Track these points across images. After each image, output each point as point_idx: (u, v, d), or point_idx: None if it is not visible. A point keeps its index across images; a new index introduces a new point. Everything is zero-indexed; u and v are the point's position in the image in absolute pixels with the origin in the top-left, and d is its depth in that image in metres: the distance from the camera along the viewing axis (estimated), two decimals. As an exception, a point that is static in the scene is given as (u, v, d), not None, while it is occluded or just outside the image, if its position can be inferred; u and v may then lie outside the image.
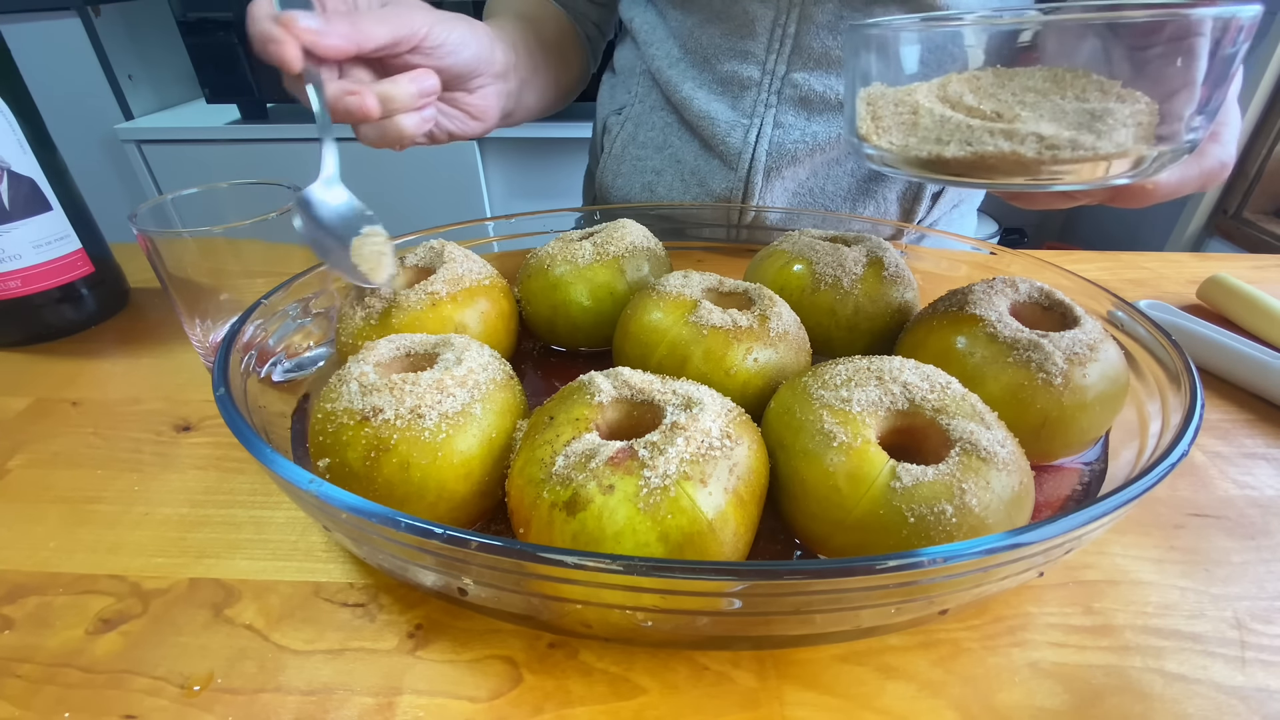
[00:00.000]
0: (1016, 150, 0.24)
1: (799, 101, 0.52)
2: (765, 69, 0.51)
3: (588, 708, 0.23)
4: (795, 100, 0.52)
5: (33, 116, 0.42)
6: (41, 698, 0.23)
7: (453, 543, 0.19)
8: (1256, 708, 0.22)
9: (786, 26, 0.49)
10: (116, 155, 1.39)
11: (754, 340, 0.31)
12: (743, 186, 0.56)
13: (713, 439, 0.23)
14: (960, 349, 0.30)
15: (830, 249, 0.38)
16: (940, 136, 0.26)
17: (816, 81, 0.51)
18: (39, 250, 0.42)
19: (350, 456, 0.25)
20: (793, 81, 0.51)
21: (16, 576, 0.28)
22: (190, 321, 0.37)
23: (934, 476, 0.22)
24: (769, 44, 0.50)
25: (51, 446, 0.35)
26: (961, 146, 0.25)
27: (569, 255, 0.38)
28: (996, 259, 0.42)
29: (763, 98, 0.52)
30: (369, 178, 1.34)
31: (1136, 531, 0.29)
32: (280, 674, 0.24)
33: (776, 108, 0.53)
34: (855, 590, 0.20)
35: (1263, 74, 1.16)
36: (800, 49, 0.50)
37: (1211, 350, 0.39)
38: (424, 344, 0.29)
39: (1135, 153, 0.24)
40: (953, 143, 0.25)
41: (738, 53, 0.52)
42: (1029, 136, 0.24)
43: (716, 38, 0.52)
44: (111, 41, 1.32)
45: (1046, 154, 0.24)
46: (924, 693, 0.23)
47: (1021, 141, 0.24)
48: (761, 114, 0.53)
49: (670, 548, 0.21)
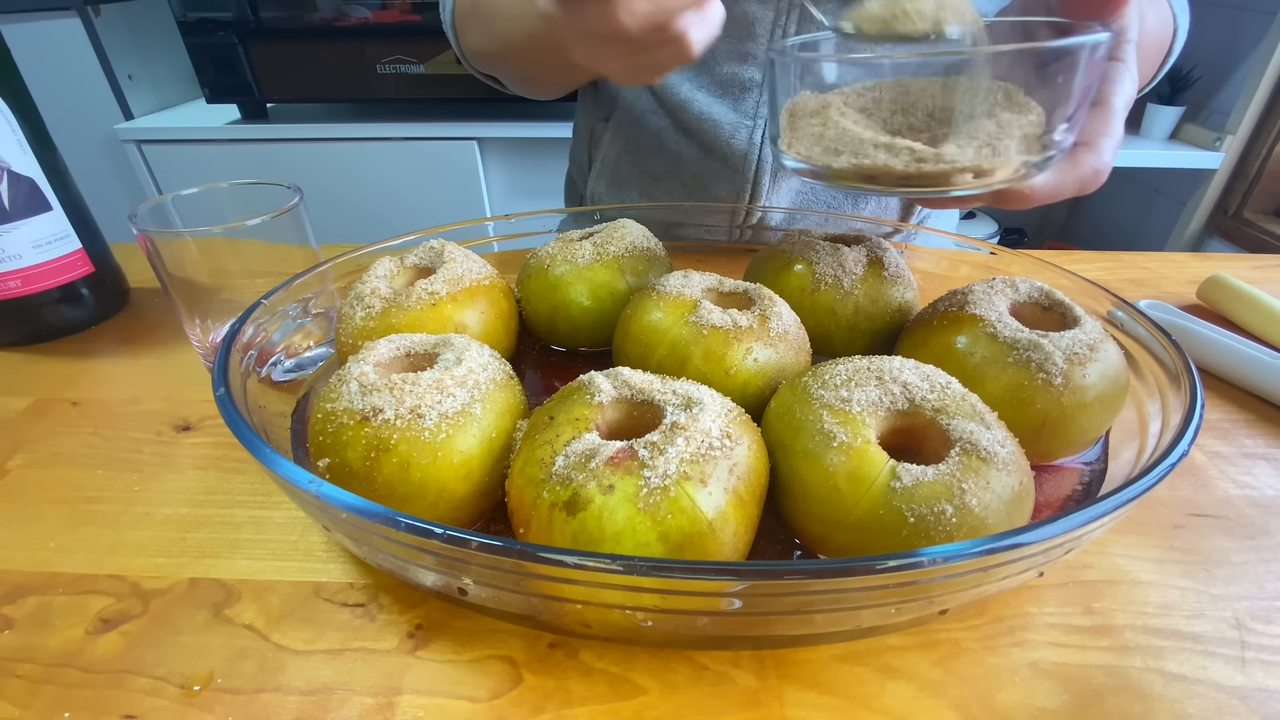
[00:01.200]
0: (890, 164, 0.26)
1: None
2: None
3: (588, 708, 0.23)
4: None
5: (33, 116, 0.42)
6: (41, 698, 0.23)
7: (453, 543, 0.19)
8: (1256, 708, 0.22)
9: (786, 27, 0.49)
10: (116, 155, 1.38)
11: (754, 340, 0.31)
12: (749, 188, 0.55)
13: (713, 439, 0.23)
14: (960, 349, 0.30)
15: (830, 249, 0.38)
16: (837, 148, 0.28)
17: None
18: (39, 250, 0.42)
19: (350, 456, 0.25)
20: None
21: (16, 576, 0.28)
22: (190, 321, 0.37)
23: (934, 476, 0.22)
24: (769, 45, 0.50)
25: (51, 446, 0.35)
26: (849, 159, 0.27)
27: (569, 255, 0.38)
28: (996, 259, 0.42)
29: (764, 99, 0.52)
30: (368, 178, 1.34)
31: (1136, 531, 0.29)
32: (280, 674, 0.24)
33: None
34: (855, 590, 0.20)
35: (1262, 75, 1.16)
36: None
37: (1211, 350, 0.39)
38: (424, 344, 0.30)
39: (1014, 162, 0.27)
40: (844, 155, 0.27)
41: (737, 54, 0.51)
42: (902, 150, 0.26)
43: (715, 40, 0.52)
44: (111, 41, 1.32)
45: (914, 166, 0.26)
46: (924, 693, 0.23)
47: (895, 154, 0.26)
48: (765, 115, 0.53)
49: (670, 548, 0.21)
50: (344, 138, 1.31)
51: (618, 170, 0.61)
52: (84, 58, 1.30)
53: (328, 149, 1.32)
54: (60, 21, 1.27)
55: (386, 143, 1.30)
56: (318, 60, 1.24)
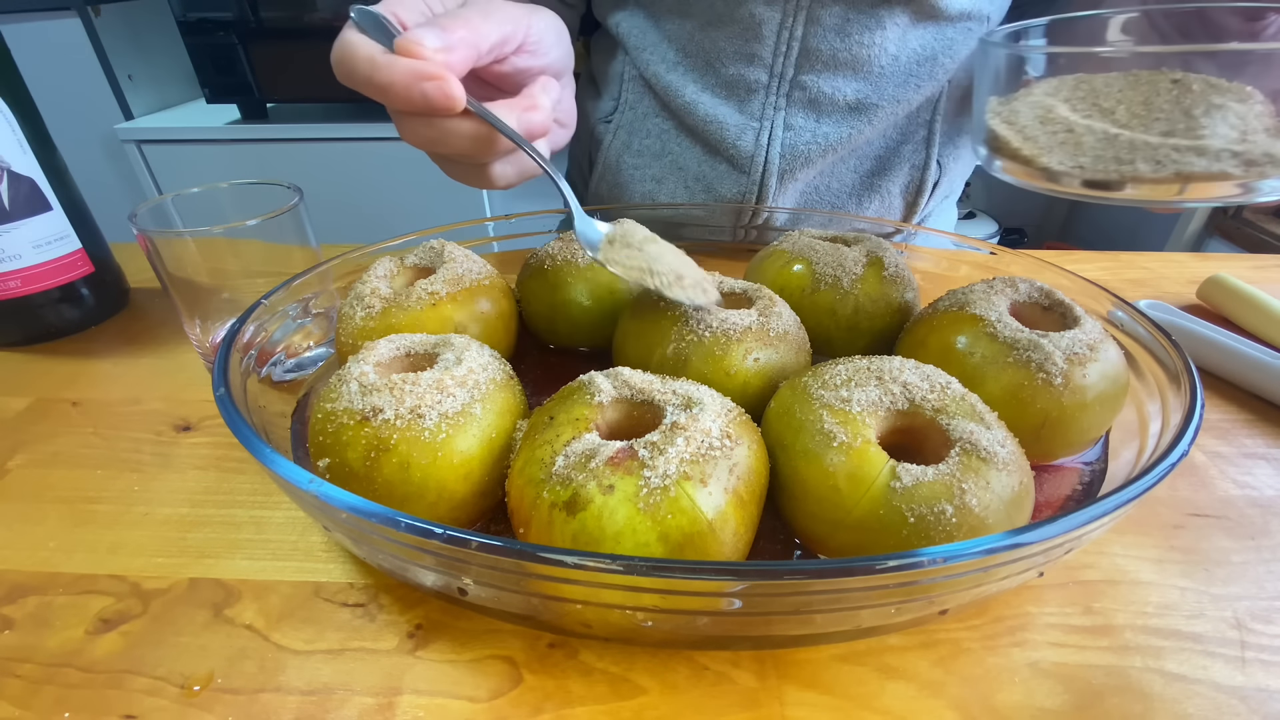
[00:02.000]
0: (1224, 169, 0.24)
1: (808, 104, 0.52)
2: (773, 72, 0.51)
3: (588, 708, 0.23)
4: (804, 103, 0.52)
5: (33, 116, 0.42)
6: (41, 698, 0.23)
7: (453, 543, 0.19)
8: (1256, 708, 0.22)
9: (794, 30, 0.49)
10: (116, 155, 1.39)
11: (754, 340, 0.31)
12: (756, 190, 0.55)
13: (713, 439, 0.23)
14: (960, 349, 0.30)
15: (830, 249, 0.38)
16: (1119, 156, 0.25)
17: (825, 84, 0.51)
18: (39, 250, 0.42)
19: (350, 456, 0.25)
20: (801, 84, 0.51)
21: (16, 576, 0.28)
22: (190, 321, 0.37)
23: (934, 476, 0.22)
24: (775, 47, 0.50)
25: (51, 446, 0.35)
26: (1153, 166, 0.25)
27: (569, 255, 0.38)
28: (996, 259, 0.42)
29: (771, 100, 0.52)
30: (368, 178, 1.34)
31: (1136, 531, 0.29)
32: (280, 674, 0.24)
33: (786, 110, 0.52)
34: (855, 590, 0.20)
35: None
36: (808, 52, 0.50)
37: (1211, 350, 0.39)
38: (424, 344, 0.29)
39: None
40: (1138, 162, 0.25)
41: (744, 56, 0.51)
42: (1222, 153, 0.24)
43: (720, 41, 0.51)
44: (111, 41, 1.32)
45: (1254, 172, 0.23)
46: (924, 693, 0.23)
47: (1217, 159, 0.24)
48: (771, 116, 0.52)
49: (670, 548, 0.21)
50: (344, 138, 1.31)
51: (619, 172, 0.60)
52: (84, 58, 1.30)
53: (328, 149, 1.32)
54: (60, 21, 1.27)
55: (386, 143, 1.30)
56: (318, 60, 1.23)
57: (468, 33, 0.28)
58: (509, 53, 0.32)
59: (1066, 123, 0.26)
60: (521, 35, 0.31)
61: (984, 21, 0.50)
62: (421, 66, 0.26)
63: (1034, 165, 0.28)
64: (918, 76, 0.51)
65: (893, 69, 0.50)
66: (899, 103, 0.52)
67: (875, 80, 0.51)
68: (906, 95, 0.52)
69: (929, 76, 0.51)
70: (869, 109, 0.52)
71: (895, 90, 0.51)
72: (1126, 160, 0.25)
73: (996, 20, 0.51)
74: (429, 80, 0.26)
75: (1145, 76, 0.26)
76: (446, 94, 0.27)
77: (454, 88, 0.27)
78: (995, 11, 0.50)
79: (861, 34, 0.48)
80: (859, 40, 0.48)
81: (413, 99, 0.27)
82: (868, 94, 0.51)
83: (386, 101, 0.28)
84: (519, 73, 0.33)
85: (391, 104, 0.28)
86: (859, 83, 0.51)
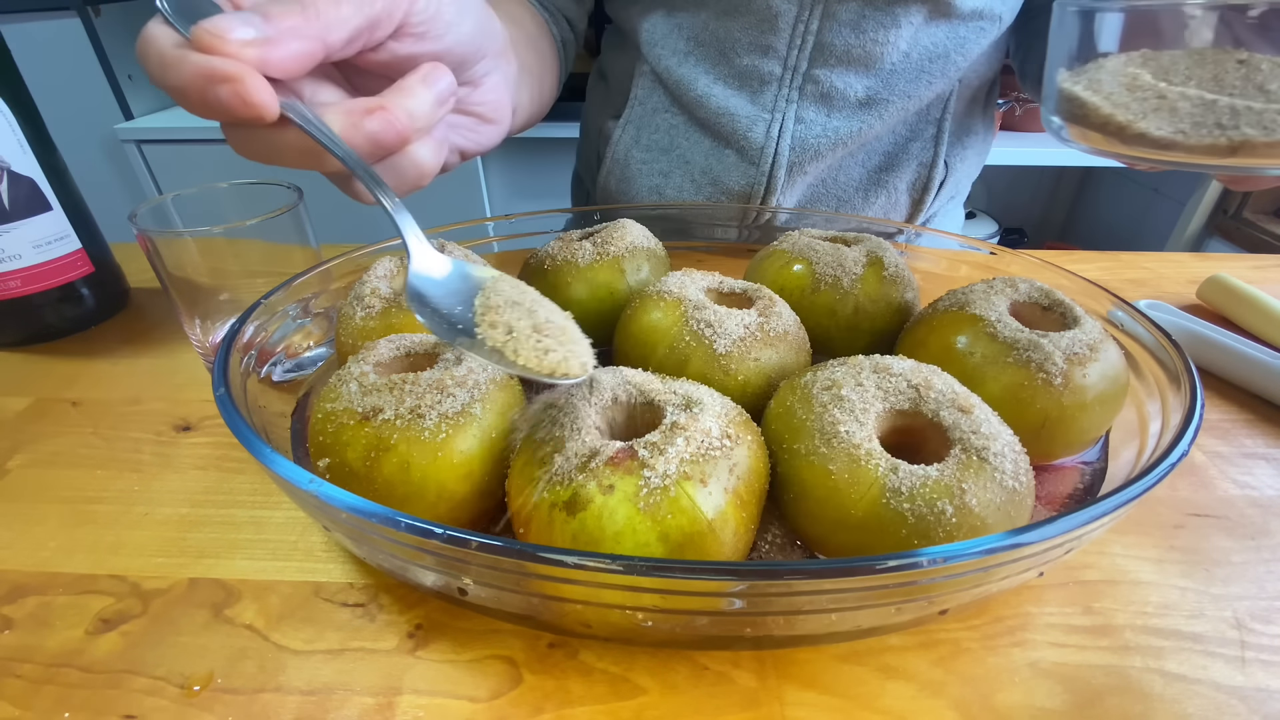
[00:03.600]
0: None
1: (820, 97, 0.52)
2: (786, 64, 0.51)
3: (588, 708, 0.23)
4: (816, 96, 0.52)
5: (33, 116, 0.42)
6: (41, 698, 0.23)
7: (453, 543, 0.19)
8: (1256, 708, 0.22)
9: (809, 23, 0.49)
10: (116, 155, 1.39)
11: (754, 340, 0.31)
12: (765, 182, 0.55)
13: (713, 439, 0.23)
14: (960, 349, 0.30)
15: (830, 249, 0.38)
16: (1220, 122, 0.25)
17: (838, 79, 0.51)
18: (39, 250, 0.42)
19: (350, 456, 0.25)
20: (814, 77, 0.51)
21: (16, 576, 0.28)
22: (190, 321, 0.37)
23: (934, 476, 0.22)
24: (790, 39, 0.50)
25: (51, 446, 0.35)
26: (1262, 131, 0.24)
27: (569, 255, 0.38)
28: (996, 259, 0.42)
29: (783, 93, 0.52)
30: (369, 178, 1.34)
31: (1136, 531, 0.29)
32: (280, 674, 0.24)
33: (798, 103, 0.52)
34: (855, 590, 0.20)
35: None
36: (822, 46, 0.50)
37: (1211, 350, 0.39)
38: (424, 344, 0.29)
39: None
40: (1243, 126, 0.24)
41: (758, 47, 0.51)
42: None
43: (735, 31, 0.51)
44: (111, 41, 1.32)
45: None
46: (924, 693, 0.23)
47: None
48: (783, 109, 0.52)
49: (670, 548, 0.21)
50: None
51: (627, 167, 0.61)
52: (84, 58, 1.30)
53: (328, 149, 1.32)
54: (60, 21, 1.27)
55: (386, 143, 1.30)
56: (318, 60, 1.24)
57: (302, 20, 0.22)
58: (382, 37, 0.26)
59: (1156, 89, 0.26)
60: (400, 15, 0.25)
61: (996, 21, 0.50)
62: (214, 65, 0.21)
63: (1128, 132, 0.27)
64: (929, 74, 0.51)
65: (905, 66, 0.50)
66: (910, 99, 0.52)
67: (887, 76, 0.51)
68: (918, 92, 0.52)
69: (940, 74, 0.51)
70: (880, 104, 0.52)
71: (906, 86, 0.51)
72: (1230, 125, 0.25)
73: (1008, 21, 0.51)
74: (222, 83, 0.21)
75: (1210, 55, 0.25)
76: (245, 100, 0.21)
77: (255, 92, 0.21)
78: (1007, 12, 0.50)
79: (876, 30, 0.48)
80: (873, 36, 0.49)
81: (208, 105, 0.21)
82: (879, 90, 0.51)
83: (185, 108, 0.22)
84: (401, 60, 0.27)
85: (191, 111, 0.22)
86: (871, 78, 0.51)
